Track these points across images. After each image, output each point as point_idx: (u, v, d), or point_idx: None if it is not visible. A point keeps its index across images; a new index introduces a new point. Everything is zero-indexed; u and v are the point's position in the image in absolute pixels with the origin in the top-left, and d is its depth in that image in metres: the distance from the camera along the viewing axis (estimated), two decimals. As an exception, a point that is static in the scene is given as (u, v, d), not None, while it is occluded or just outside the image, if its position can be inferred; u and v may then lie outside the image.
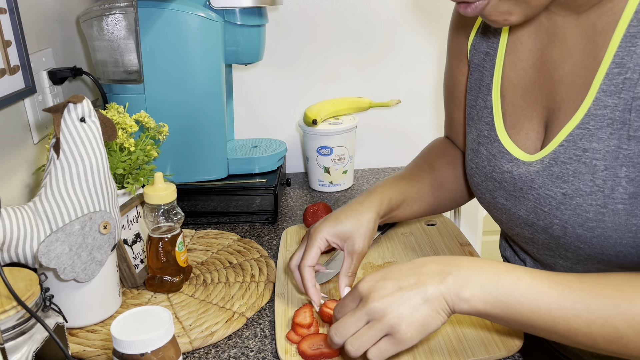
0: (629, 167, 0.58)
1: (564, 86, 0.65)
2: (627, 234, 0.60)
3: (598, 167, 0.60)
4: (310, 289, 0.73)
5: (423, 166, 0.87)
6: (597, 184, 0.60)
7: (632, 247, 0.61)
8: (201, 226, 1.07)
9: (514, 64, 0.71)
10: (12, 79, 0.83)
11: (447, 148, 0.90)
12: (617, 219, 0.60)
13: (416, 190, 0.84)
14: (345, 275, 0.73)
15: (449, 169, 0.87)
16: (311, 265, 0.74)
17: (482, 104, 0.75)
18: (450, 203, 0.89)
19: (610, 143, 0.59)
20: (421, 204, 0.85)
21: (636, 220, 0.59)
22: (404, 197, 0.82)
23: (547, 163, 0.65)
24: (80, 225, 0.69)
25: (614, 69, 0.58)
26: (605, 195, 0.60)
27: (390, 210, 0.80)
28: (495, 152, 0.71)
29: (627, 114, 0.57)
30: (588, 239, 0.62)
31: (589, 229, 0.62)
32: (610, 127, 0.59)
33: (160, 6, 0.98)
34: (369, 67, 1.32)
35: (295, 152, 1.38)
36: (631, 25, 0.57)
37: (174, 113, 1.03)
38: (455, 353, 0.66)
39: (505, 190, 0.71)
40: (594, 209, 0.61)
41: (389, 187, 0.81)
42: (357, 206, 0.76)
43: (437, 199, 0.86)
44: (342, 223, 0.74)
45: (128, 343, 0.49)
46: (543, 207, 0.66)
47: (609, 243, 0.61)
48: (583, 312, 0.55)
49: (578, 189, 0.62)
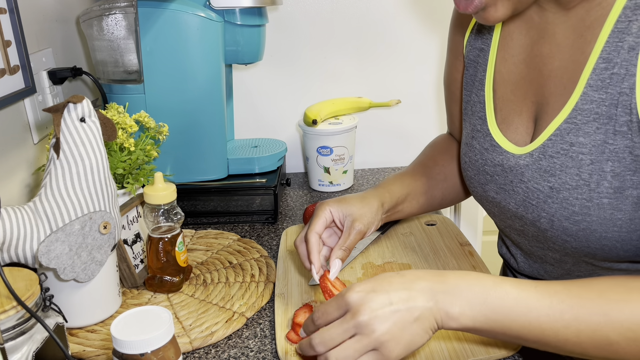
0: (615, 162, 0.59)
1: (553, 81, 0.66)
2: (612, 228, 0.60)
3: (584, 161, 0.61)
4: (314, 254, 0.73)
5: (427, 162, 0.89)
6: (583, 177, 0.61)
7: (617, 241, 0.61)
8: (201, 226, 1.07)
9: (505, 60, 0.72)
10: (12, 79, 0.83)
11: (449, 144, 0.92)
12: (602, 213, 0.60)
13: (421, 184, 0.86)
14: (340, 248, 0.73)
15: (452, 163, 0.89)
16: (318, 233, 0.74)
17: (476, 99, 0.76)
18: (455, 196, 0.90)
19: (596, 137, 0.59)
20: (427, 197, 0.86)
21: (621, 214, 0.60)
22: (408, 191, 0.84)
23: (536, 157, 0.66)
24: (80, 225, 0.69)
25: (601, 64, 0.59)
26: (591, 189, 0.60)
27: (396, 203, 0.82)
28: (487, 146, 0.72)
29: (613, 109, 0.58)
30: (574, 232, 0.63)
31: (575, 223, 0.62)
32: (596, 122, 0.59)
33: (160, 6, 0.98)
34: (369, 67, 1.32)
35: (295, 152, 1.38)
36: (619, 21, 0.57)
37: (174, 113, 1.03)
38: (455, 353, 0.66)
39: (496, 184, 0.72)
40: (580, 203, 0.61)
41: (394, 182, 0.84)
42: (363, 194, 0.79)
43: (442, 192, 0.88)
44: (348, 202, 0.77)
45: (128, 343, 0.49)
46: (531, 200, 0.66)
47: (594, 237, 0.62)
48: (572, 322, 0.54)
49: (565, 182, 0.62)
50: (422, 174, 0.87)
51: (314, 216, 0.76)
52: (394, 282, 0.58)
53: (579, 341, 0.55)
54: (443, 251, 0.90)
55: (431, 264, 0.87)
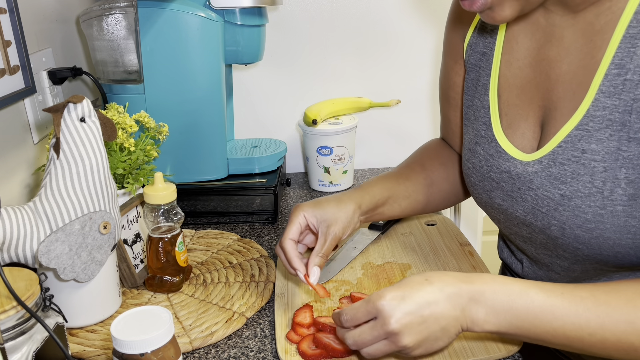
0: (629, 169, 0.58)
1: (561, 85, 0.65)
2: (625, 236, 0.60)
3: (597, 169, 0.60)
4: (294, 259, 0.73)
5: (413, 166, 0.88)
6: (596, 185, 0.60)
7: (631, 248, 0.60)
8: (201, 226, 1.07)
9: (510, 63, 0.71)
10: (12, 79, 0.83)
11: (440, 149, 0.90)
12: (616, 220, 0.59)
13: (404, 188, 0.84)
14: (317, 255, 0.74)
15: (440, 169, 0.87)
16: (292, 239, 0.74)
17: (479, 104, 0.74)
18: (442, 202, 0.89)
19: (609, 144, 0.59)
20: (410, 201, 0.85)
21: (635, 221, 0.59)
22: (389, 194, 0.83)
23: (546, 164, 0.64)
24: (80, 225, 0.69)
25: (613, 70, 0.58)
26: (604, 196, 0.59)
27: (375, 206, 0.81)
28: (493, 152, 0.71)
29: (627, 116, 0.57)
30: (586, 240, 0.62)
31: (588, 230, 0.62)
32: (609, 129, 0.58)
33: (160, 6, 0.98)
34: (369, 67, 1.32)
35: (295, 152, 1.38)
36: (631, 26, 0.57)
37: (174, 113, 1.03)
38: (455, 353, 0.66)
39: (502, 191, 0.70)
40: (593, 211, 0.60)
41: (375, 184, 0.83)
42: (339, 196, 0.79)
43: (427, 197, 0.86)
44: (322, 206, 0.76)
45: (128, 343, 0.49)
46: (541, 208, 0.65)
47: (607, 244, 0.61)
48: (598, 330, 0.55)
49: (577, 190, 0.61)
50: (407, 178, 0.85)
51: (289, 222, 0.76)
52: (423, 290, 0.59)
53: (603, 347, 0.55)
54: (443, 251, 0.90)
55: (431, 264, 0.87)
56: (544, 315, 0.56)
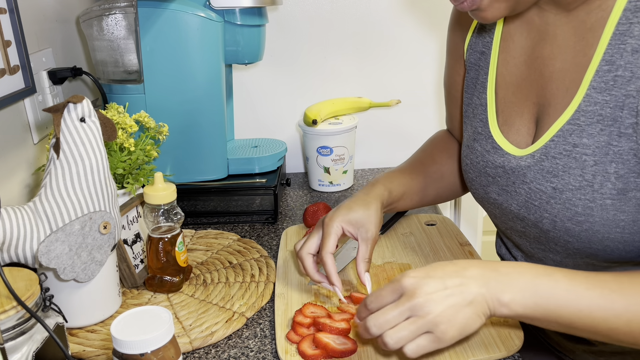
0: (619, 164, 0.59)
1: (554, 82, 0.66)
2: (614, 229, 0.61)
3: (587, 163, 0.61)
4: (334, 276, 0.74)
5: (425, 159, 0.90)
6: (587, 178, 0.61)
7: (620, 242, 0.61)
8: (201, 226, 1.07)
9: (507, 62, 0.72)
10: (12, 79, 0.83)
11: (448, 141, 0.92)
12: (605, 214, 0.60)
13: (417, 183, 0.87)
14: (363, 260, 0.75)
15: (449, 162, 0.90)
16: (331, 253, 0.75)
17: (477, 102, 0.76)
18: (449, 194, 0.92)
19: (600, 139, 0.60)
20: (421, 196, 0.88)
21: (624, 216, 0.60)
22: (404, 190, 0.85)
23: (538, 158, 0.66)
24: (80, 225, 0.69)
25: (604, 67, 0.59)
26: (594, 190, 0.60)
27: (392, 202, 0.83)
28: (489, 148, 0.72)
29: (618, 111, 0.58)
30: (576, 233, 0.63)
31: (578, 223, 0.63)
32: (600, 124, 0.59)
33: (160, 6, 0.98)
34: (369, 67, 1.32)
35: (295, 152, 1.38)
36: (620, 23, 0.58)
37: (174, 113, 1.03)
38: (455, 353, 0.66)
39: (497, 185, 0.72)
40: (583, 204, 0.61)
41: (391, 179, 0.84)
42: (363, 197, 0.79)
43: (437, 191, 0.89)
44: (354, 211, 0.76)
45: (128, 343, 0.49)
46: (534, 201, 0.67)
47: (596, 237, 0.62)
48: (623, 311, 0.55)
49: (567, 183, 0.62)
50: (420, 173, 0.88)
51: (324, 233, 0.76)
52: (447, 269, 0.60)
53: (629, 330, 0.55)
54: (443, 251, 0.90)
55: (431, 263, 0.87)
56: (570, 295, 0.56)
